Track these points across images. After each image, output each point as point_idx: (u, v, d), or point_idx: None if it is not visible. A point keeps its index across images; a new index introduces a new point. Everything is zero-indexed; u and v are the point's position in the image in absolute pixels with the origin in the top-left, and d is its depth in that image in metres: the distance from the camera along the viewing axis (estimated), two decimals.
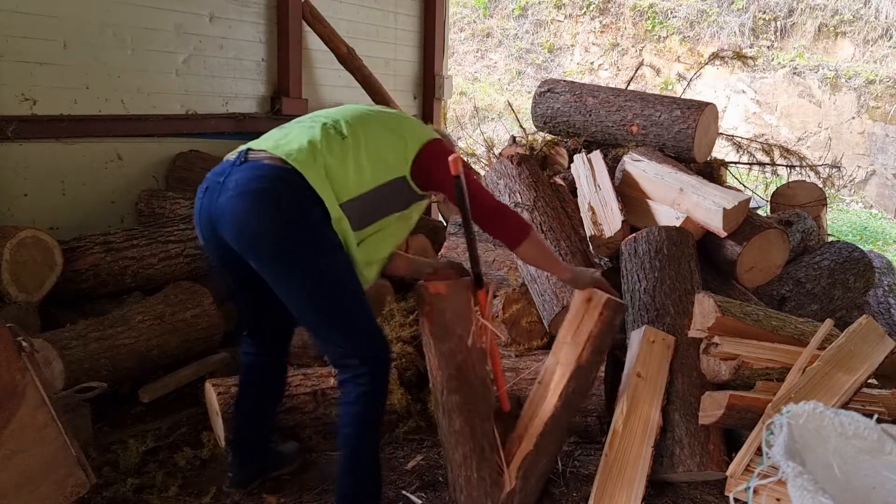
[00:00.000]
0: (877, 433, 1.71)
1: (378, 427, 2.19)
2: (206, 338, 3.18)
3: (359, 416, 2.10)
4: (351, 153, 2.04)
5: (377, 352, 2.10)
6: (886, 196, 9.58)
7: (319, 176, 1.96)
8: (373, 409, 2.13)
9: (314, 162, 1.98)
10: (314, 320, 2.09)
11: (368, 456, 2.16)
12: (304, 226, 1.95)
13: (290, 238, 1.94)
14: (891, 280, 3.85)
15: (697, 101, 3.62)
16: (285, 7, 4.59)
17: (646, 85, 11.04)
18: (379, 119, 2.20)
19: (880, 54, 10.35)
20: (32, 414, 1.85)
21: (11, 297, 2.87)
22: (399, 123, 2.20)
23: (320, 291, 2.01)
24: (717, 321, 2.41)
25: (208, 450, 2.64)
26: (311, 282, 1.99)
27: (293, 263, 1.97)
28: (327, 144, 2.03)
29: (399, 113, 2.38)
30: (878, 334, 2.36)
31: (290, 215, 1.94)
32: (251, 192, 1.94)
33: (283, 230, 1.94)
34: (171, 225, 3.37)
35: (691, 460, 2.30)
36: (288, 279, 2.01)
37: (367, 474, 2.16)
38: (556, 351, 2.38)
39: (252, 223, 1.93)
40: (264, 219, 1.93)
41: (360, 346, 2.07)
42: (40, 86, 3.48)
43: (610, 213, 3.12)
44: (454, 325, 2.18)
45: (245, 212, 1.93)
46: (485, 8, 12.74)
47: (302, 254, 1.96)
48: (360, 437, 2.12)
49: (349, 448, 2.12)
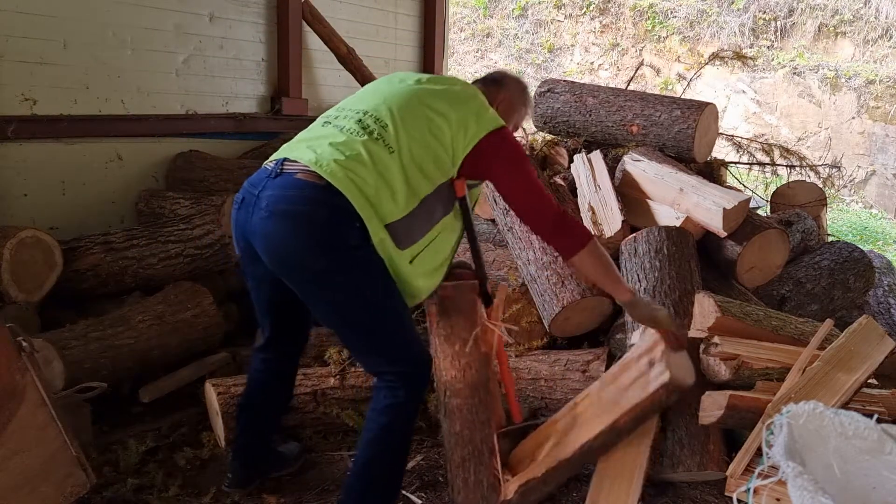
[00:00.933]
0: (877, 433, 1.71)
1: (402, 442, 2.08)
2: (206, 338, 3.18)
3: (382, 425, 2.02)
4: (397, 170, 1.88)
5: (415, 370, 2.02)
6: (886, 196, 9.58)
7: (361, 196, 1.83)
8: (399, 421, 2.03)
9: (356, 178, 1.83)
10: (351, 341, 2.06)
11: (384, 466, 2.05)
12: (341, 250, 1.84)
13: (324, 264, 1.85)
14: (891, 280, 3.85)
15: (697, 101, 3.62)
16: (285, 7, 4.58)
17: (646, 85, 11.04)
18: (428, 120, 1.97)
19: (880, 54, 10.35)
20: (32, 414, 1.85)
21: (11, 297, 2.87)
22: (454, 119, 1.97)
23: (357, 315, 1.94)
24: (717, 321, 2.41)
25: (208, 450, 2.64)
26: (347, 306, 1.92)
27: (328, 287, 1.90)
28: (371, 159, 1.86)
29: (457, 96, 2.06)
30: (878, 334, 2.35)
31: (326, 240, 1.83)
32: (283, 214, 1.83)
33: (316, 256, 1.84)
34: (171, 225, 3.37)
35: (691, 460, 2.30)
36: (325, 303, 1.95)
37: (378, 485, 2.06)
38: (604, 385, 2.15)
39: (285, 247, 1.85)
40: (298, 244, 1.83)
41: (397, 364, 2.00)
42: (40, 86, 3.48)
43: (610, 213, 3.12)
44: (460, 327, 2.16)
45: (278, 235, 1.84)
46: (485, 8, 12.74)
47: (338, 279, 1.87)
48: (378, 444, 2.03)
49: (364, 454, 2.04)
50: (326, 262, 1.84)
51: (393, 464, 2.09)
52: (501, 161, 2.01)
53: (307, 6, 4.70)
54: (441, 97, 2.03)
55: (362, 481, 2.05)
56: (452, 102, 2.02)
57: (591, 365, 2.71)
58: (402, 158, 1.90)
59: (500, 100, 2.23)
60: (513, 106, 2.28)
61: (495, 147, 2.00)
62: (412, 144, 1.92)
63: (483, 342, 2.18)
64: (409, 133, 1.93)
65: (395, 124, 1.94)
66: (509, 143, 2.05)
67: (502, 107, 2.22)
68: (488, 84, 2.27)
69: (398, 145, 1.91)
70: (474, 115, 2.01)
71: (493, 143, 2.00)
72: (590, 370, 2.69)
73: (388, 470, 2.08)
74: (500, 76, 2.34)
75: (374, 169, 1.86)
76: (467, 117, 1.99)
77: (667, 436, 2.37)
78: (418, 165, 1.92)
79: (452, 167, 1.99)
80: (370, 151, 1.88)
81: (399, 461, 2.11)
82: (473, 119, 2.00)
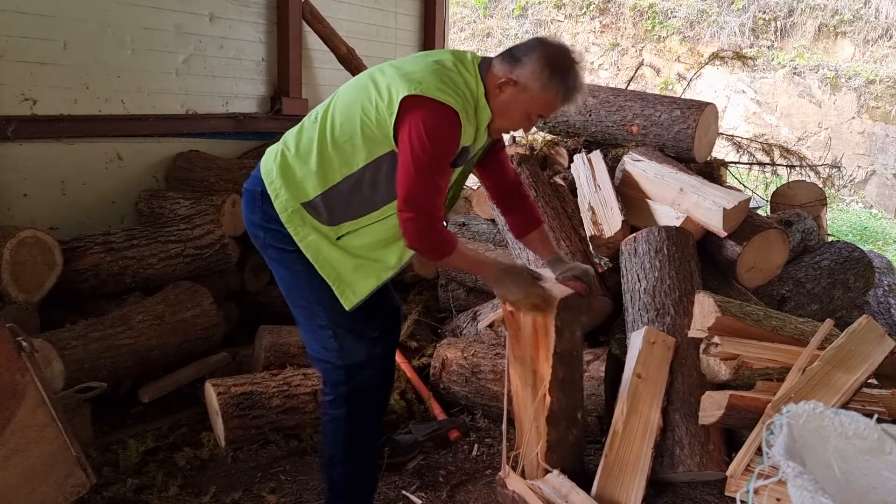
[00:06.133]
0: (877, 433, 1.71)
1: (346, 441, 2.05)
2: (206, 338, 3.18)
3: (324, 423, 2.10)
4: (316, 141, 1.93)
5: (337, 368, 2.00)
6: (886, 196, 9.57)
7: (271, 175, 1.97)
8: (333, 422, 2.04)
9: (274, 162, 1.98)
10: (295, 319, 2.11)
11: (338, 471, 2.08)
12: (274, 226, 1.97)
13: (262, 237, 2.02)
14: (891, 280, 3.85)
15: (697, 101, 3.62)
16: (285, 7, 4.58)
17: (646, 85, 11.04)
18: (362, 87, 1.92)
19: (880, 54, 10.35)
20: (32, 414, 1.85)
21: (11, 297, 2.87)
22: (383, 84, 1.87)
23: (291, 292, 2.05)
24: (717, 321, 2.41)
25: (208, 450, 2.64)
26: (285, 282, 2.05)
27: (270, 260, 2.05)
28: (295, 139, 1.99)
29: (406, 62, 1.97)
30: (878, 334, 2.35)
31: (264, 214, 1.98)
32: (244, 192, 2.08)
33: (257, 228, 2.02)
34: (171, 225, 3.37)
35: (691, 460, 2.30)
36: (274, 275, 2.09)
37: (340, 487, 2.09)
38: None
39: (244, 220, 2.09)
40: (247, 217, 2.06)
41: (324, 354, 2.03)
42: (40, 86, 3.48)
43: (610, 213, 3.12)
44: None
45: (243, 210, 2.09)
46: (485, 8, 12.74)
47: (271, 253, 2.02)
48: (329, 446, 2.08)
49: (320, 460, 2.14)
50: (264, 235, 2.01)
51: (348, 466, 2.07)
52: (404, 132, 1.82)
53: (307, 6, 4.70)
54: (397, 63, 1.97)
55: (326, 485, 2.14)
56: (394, 67, 1.93)
57: (592, 365, 2.70)
58: (323, 129, 1.93)
59: (506, 80, 1.91)
60: (527, 91, 1.91)
61: (409, 114, 1.81)
62: (334, 116, 1.93)
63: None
64: (338, 105, 1.95)
65: (333, 98, 2.00)
66: (425, 114, 1.80)
67: (509, 90, 1.92)
68: (505, 58, 1.95)
69: (322, 118, 1.95)
70: (400, 79, 1.85)
71: (408, 110, 1.81)
72: (590, 370, 2.69)
73: (344, 471, 2.08)
74: (522, 51, 1.94)
75: (295, 145, 1.98)
76: (393, 81, 1.86)
77: (667, 436, 2.37)
78: (341, 135, 1.90)
79: (385, 139, 1.87)
80: (300, 129, 2.01)
81: (353, 464, 2.08)
82: (397, 82, 1.84)
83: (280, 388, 2.75)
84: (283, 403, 2.71)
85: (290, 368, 2.93)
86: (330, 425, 2.06)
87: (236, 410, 2.64)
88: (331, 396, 2.05)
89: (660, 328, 2.62)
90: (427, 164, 1.81)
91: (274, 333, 3.17)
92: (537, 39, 1.98)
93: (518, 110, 1.96)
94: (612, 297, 2.98)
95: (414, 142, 1.80)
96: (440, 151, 1.84)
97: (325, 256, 1.93)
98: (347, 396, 2.02)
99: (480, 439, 2.78)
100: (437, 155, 1.83)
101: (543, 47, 1.93)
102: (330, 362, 2.01)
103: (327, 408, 2.07)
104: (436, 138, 1.81)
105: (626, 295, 2.87)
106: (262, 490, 2.41)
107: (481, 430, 2.85)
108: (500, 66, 1.94)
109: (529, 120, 2.01)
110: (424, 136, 1.79)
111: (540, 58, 1.90)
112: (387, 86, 1.86)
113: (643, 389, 2.41)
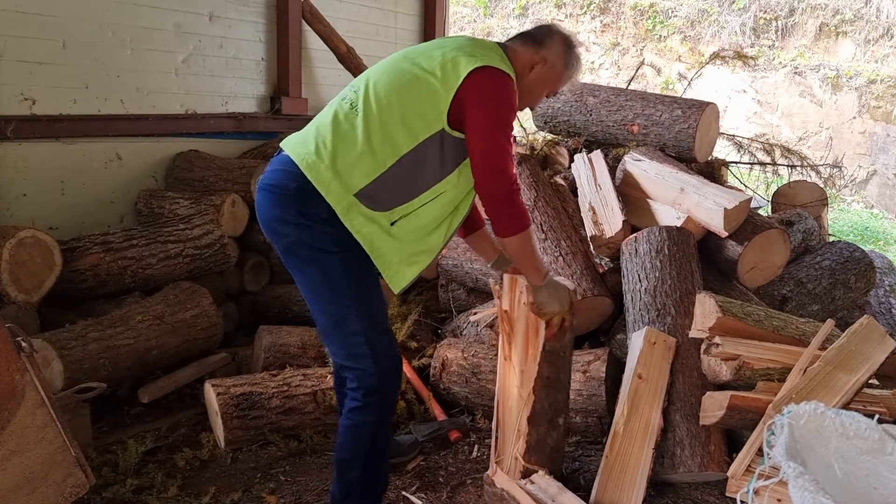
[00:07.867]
0: (878, 433, 1.70)
1: (368, 448, 2.02)
2: (205, 338, 3.18)
3: (346, 427, 2.01)
4: (361, 130, 1.87)
5: (372, 373, 1.95)
6: (887, 196, 9.57)
7: (315, 170, 1.87)
8: (358, 426, 2.00)
9: (320, 151, 1.88)
10: (319, 323, 2.04)
11: (356, 471, 2.04)
12: (311, 224, 1.89)
13: (293, 234, 1.91)
14: (892, 280, 3.85)
15: (698, 100, 3.61)
16: (285, 6, 4.58)
17: (647, 84, 11.03)
18: (404, 72, 1.91)
19: (881, 54, 10.34)
20: (32, 414, 1.85)
21: (11, 297, 2.86)
22: (435, 64, 1.88)
23: (322, 295, 1.96)
24: (718, 321, 2.40)
25: (207, 450, 2.64)
26: (314, 284, 1.96)
27: (298, 259, 1.95)
28: (337, 128, 1.89)
29: (445, 43, 1.99)
30: (879, 334, 2.35)
31: (297, 211, 1.89)
32: (267, 188, 1.96)
33: (287, 226, 1.92)
34: (171, 225, 3.37)
35: (692, 461, 2.29)
36: (297, 276, 2.00)
37: (355, 490, 2.05)
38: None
39: (266, 217, 1.97)
40: (273, 214, 1.94)
41: (355, 361, 1.96)
42: (40, 85, 3.47)
43: (611, 213, 3.11)
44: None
45: (263, 207, 1.98)
46: (485, 7, 12.74)
47: (303, 252, 1.93)
48: (346, 450, 2.03)
49: (336, 458, 2.06)
50: (296, 233, 1.91)
51: (365, 470, 2.05)
52: (477, 101, 1.83)
53: (307, 5, 4.70)
54: (427, 48, 1.99)
55: (339, 485, 2.07)
56: (437, 47, 1.94)
57: (592, 365, 2.70)
58: (368, 114, 1.88)
59: (537, 60, 2.03)
60: (554, 69, 2.06)
61: (476, 86, 1.84)
62: (380, 100, 1.89)
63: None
64: (378, 90, 1.91)
65: (366, 85, 1.94)
66: (495, 83, 1.87)
67: (538, 69, 2.03)
68: (526, 41, 2.06)
69: (364, 104, 1.90)
70: (459, 54, 1.88)
71: (475, 82, 1.85)
72: (590, 370, 2.68)
73: (361, 474, 2.04)
74: (542, 34, 2.08)
75: (340, 136, 1.89)
76: (449, 58, 1.88)
77: (668, 437, 2.37)
78: (389, 120, 1.88)
79: (438, 117, 1.87)
80: (337, 119, 1.92)
81: (370, 467, 2.06)
82: (458, 58, 1.87)
83: (280, 388, 2.74)
84: (282, 404, 2.71)
85: (289, 369, 2.93)
86: (352, 430, 2.01)
87: (236, 411, 2.63)
88: (358, 403, 1.98)
89: (661, 328, 2.61)
90: (504, 131, 1.89)
91: (273, 334, 3.17)
92: (549, 24, 2.15)
93: (543, 87, 2.09)
94: (613, 297, 2.97)
95: (490, 109, 1.85)
96: (511, 119, 1.93)
97: (378, 247, 1.92)
98: (379, 404, 1.99)
99: (481, 440, 2.78)
100: (510, 121, 1.93)
101: (560, 30, 2.12)
102: (361, 369, 1.95)
103: (354, 414, 2.00)
104: (508, 105, 1.90)
105: (626, 295, 2.86)
106: (262, 491, 2.41)
107: (481, 431, 2.84)
108: (523, 48, 2.04)
109: (544, 97, 2.15)
110: (499, 103, 1.87)
111: (563, 39, 2.09)
112: (441, 63, 1.88)
113: (644, 390, 2.41)
